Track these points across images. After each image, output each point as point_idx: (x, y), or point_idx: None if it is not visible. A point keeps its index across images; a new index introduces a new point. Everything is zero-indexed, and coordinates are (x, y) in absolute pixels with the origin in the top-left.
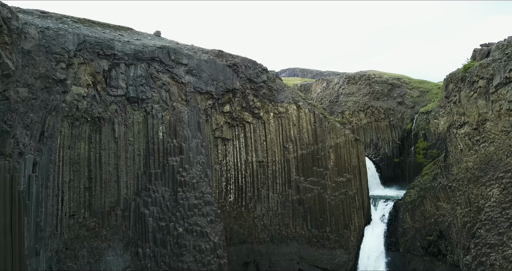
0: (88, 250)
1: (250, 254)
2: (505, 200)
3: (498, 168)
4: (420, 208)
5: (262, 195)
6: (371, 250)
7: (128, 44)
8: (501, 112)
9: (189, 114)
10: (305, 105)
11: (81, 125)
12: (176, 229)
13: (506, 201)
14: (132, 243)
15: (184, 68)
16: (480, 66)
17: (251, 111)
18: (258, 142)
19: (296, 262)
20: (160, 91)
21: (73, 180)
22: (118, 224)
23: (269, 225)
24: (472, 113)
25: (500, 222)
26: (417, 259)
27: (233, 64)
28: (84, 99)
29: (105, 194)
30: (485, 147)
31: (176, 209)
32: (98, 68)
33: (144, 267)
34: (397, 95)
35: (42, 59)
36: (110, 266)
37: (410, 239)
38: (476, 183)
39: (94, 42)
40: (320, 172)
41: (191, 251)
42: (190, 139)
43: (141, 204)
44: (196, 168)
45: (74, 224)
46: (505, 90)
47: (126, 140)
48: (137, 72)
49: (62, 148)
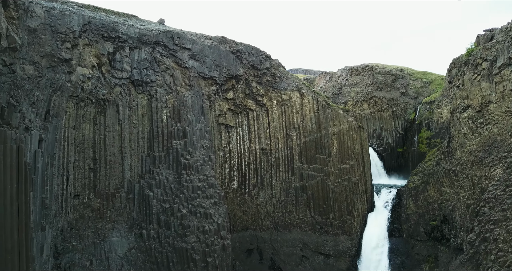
0: (92, 230)
1: (253, 241)
2: (508, 178)
3: (502, 148)
4: (424, 194)
5: (265, 182)
6: (375, 236)
7: (132, 28)
8: (505, 93)
9: (192, 99)
10: (308, 93)
11: (86, 106)
12: (180, 211)
13: (510, 178)
14: (136, 225)
15: (188, 53)
16: (484, 48)
17: (254, 98)
18: (262, 129)
19: (300, 248)
20: (164, 75)
21: (78, 160)
22: (123, 206)
23: (272, 212)
24: (475, 96)
25: (503, 199)
26: (420, 244)
27: (236, 51)
28: (89, 80)
29: (110, 176)
30: (489, 129)
31: (180, 191)
32: (102, 50)
33: (148, 248)
34: (400, 86)
35: (48, 38)
36: (114, 247)
37: (413, 224)
38: (479, 165)
39: (99, 24)
40: (323, 159)
41: (195, 232)
42: (194, 123)
43: (145, 186)
44: (200, 152)
45: (79, 204)
46: (509, 70)
47: (130, 123)
48: (141, 56)
49: (67, 127)
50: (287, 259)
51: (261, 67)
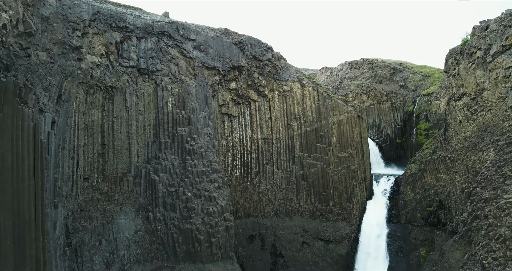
0: (101, 212)
1: (256, 228)
2: (500, 159)
3: (495, 133)
4: (421, 181)
5: (267, 171)
6: (373, 222)
7: (139, 18)
8: (498, 80)
9: (196, 88)
10: (309, 84)
11: (95, 93)
12: (185, 194)
13: (501, 160)
14: (143, 208)
15: (192, 44)
16: (478, 38)
17: (256, 89)
18: (263, 119)
19: (300, 235)
20: (169, 65)
21: (87, 144)
22: (130, 190)
23: (273, 200)
24: (470, 84)
25: (495, 179)
26: (417, 229)
27: (239, 42)
28: (98, 68)
29: (117, 160)
30: (483, 115)
31: (185, 176)
32: (111, 39)
33: (154, 229)
34: (399, 79)
35: (60, 26)
36: (122, 228)
37: (410, 210)
38: (473, 150)
39: (107, 14)
40: (323, 148)
41: (199, 214)
42: (198, 111)
43: (151, 171)
44: (204, 139)
45: (88, 187)
46: (502, 58)
47: (137, 110)
48: (147, 46)
49: (77, 113)
50: (288, 245)
51: (263, 58)
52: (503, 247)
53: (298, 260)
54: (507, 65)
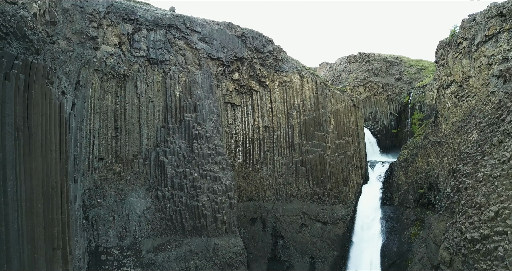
0: (115, 190)
1: (257, 211)
2: (481, 139)
3: (478, 116)
4: (413, 165)
5: (268, 157)
6: (368, 204)
7: (148, 12)
8: (482, 67)
9: (202, 77)
10: (307, 75)
11: (109, 80)
12: (192, 174)
13: (482, 139)
14: (153, 188)
15: (198, 36)
16: (464, 29)
17: (258, 80)
18: (264, 108)
19: (299, 217)
20: (176, 55)
21: (102, 127)
22: (140, 171)
23: (274, 184)
24: (457, 72)
25: (475, 156)
26: (409, 210)
27: (241, 35)
28: (111, 57)
29: (129, 143)
30: (468, 101)
31: (192, 158)
32: (123, 30)
33: (163, 207)
34: (395, 72)
35: (78, 18)
36: (133, 206)
37: (403, 193)
38: (459, 133)
39: (120, 7)
40: (321, 136)
41: (205, 192)
42: (203, 99)
43: (160, 154)
44: (209, 124)
45: (102, 167)
46: (485, 47)
47: (147, 97)
48: (156, 37)
49: (93, 98)
50: (288, 227)
51: (264, 50)
52: (478, 212)
53: (297, 241)
54: (489, 53)
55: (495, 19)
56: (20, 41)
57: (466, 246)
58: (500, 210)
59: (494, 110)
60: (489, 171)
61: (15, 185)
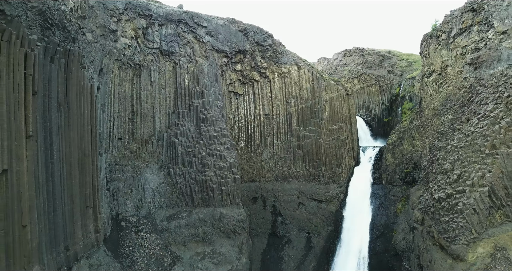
0: (132, 167)
1: (258, 190)
2: (453, 118)
3: (453, 100)
4: (399, 148)
5: (268, 142)
6: (359, 184)
7: (161, 8)
8: (457, 57)
9: (208, 67)
10: (304, 66)
11: (127, 69)
12: (200, 153)
13: (453, 119)
14: (165, 165)
15: (204, 30)
16: (443, 23)
17: (258, 71)
18: (265, 97)
19: (297, 196)
20: (185, 48)
21: (121, 111)
22: (154, 150)
23: (273, 167)
24: (437, 62)
25: (447, 133)
26: (396, 188)
27: (244, 30)
28: (129, 48)
29: (144, 126)
30: (447, 87)
31: (200, 139)
32: (138, 25)
33: (175, 182)
34: (387, 65)
35: (101, 13)
36: (148, 181)
37: (390, 173)
38: (438, 116)
39: (136, 4)
40: (316, 122)
41: (212, 168)
42: (210, 87)
43: (172, 135)
44: (214, 109)
45: (121, 146)
46: (460, 39)
47: (159, 84)
48: (167, 31)
49: (113, 84)
50: (286, 205)
51: (264, 44)
52: (445, 177)
53: (295, 218)
54: (463, 44)
55: (468, 14)
56: (61, 31)
57: (434, 205)
58: (462, 173)
59: (465, 94)
60: (456, 143)
61: (58, 149)
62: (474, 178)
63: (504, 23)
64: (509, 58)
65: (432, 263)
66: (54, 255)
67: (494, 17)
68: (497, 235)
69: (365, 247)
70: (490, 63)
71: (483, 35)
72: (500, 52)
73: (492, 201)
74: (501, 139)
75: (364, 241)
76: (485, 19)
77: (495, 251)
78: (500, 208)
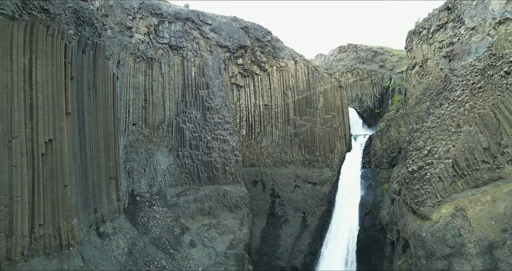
0: (145, 149)
1: (258, 175)
2: (430, 105)
3: (431, 89)
4: (387, 134)
5: (267, 131)
6: (350, 168)
7: (170, 7)
8: (435, 50)
9: (212, 61)
10: (300, 60)
11: (140, 62)
12: (205, 137)
13: (430, 105)
14: (174, 149)
15: (209, 27)
16: (424, 20)
17: (258, 65)
18: (264, 89)
19: (293, 180)
20: (192, 43)
21: (135, 99)
22: (164, 135)
23: (272, 153)
24: (419, 55)
25: (424, 117)
26: (383, 171)
27: (245, 27)
28: (142, 43)
29: (155, 113)
30: (427, 78)
31: (205, 125)
32: (151, 22)
33: (183, 163)
34: (379, 60)
35: (119, 12)
36: (159, 162)
37: (378, 157)
38: (419, 104)
39: (148, 4)
40: (312, 112)
41: (216, 151)
42: (214, 79)
43: (180, 122)
44: (218, 99)
45: (135, 131)
46: (437, 34)
47: (169, 76)
48: (176, 28)
49: (128, 75)
50: (283, 187)
51: (263, 40)
52: (418, 152)
53: (291, 199)
54: (440, 39)
55: (444, 12)
56: (90, 27)
57: (408, 177)
58: (431, 148)
59: (441, 83)
60: (429, 124)
61: (88, 126)
62: (441, 152)
63: (473, 20)
64: (477, 51)
65: (406, 226)
66: (86, 214)
67: (465, 15)
68: (458, 199)
69: (355, 223)
70: (461, 56)
71: (457, 31)
72: (470, 46)
73: (455, 170)
74: (465, 119)
75: (354, 218)
76: (458, 17)
77: (456, 211)
78: (462, 176)
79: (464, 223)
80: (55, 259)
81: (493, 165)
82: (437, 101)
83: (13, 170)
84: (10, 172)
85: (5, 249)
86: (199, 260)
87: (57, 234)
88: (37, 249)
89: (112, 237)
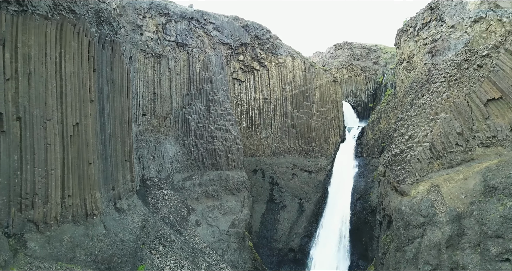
0: (153, 138)
1: (258, 164)
2: (414, 97)
3: (416, 82)
4: (378, 125)
5: (266, 123)
6: (344, 157)
7: (176, 7)
8: (420, 47)
9: (215, 57)
10: (297, 57)
11: (149, 58)
12: (209, 127)
13: (414, 97)
14: (180, 138)
15: (212, 26)
16: (411, 19)
17: (258, 61)
18: (264, 84)
19: (291, 168)
20: (196, 40)
21: (145, 92)
22: (171, 125)
23: (271, 144)
24: (406, 52)
25: (408, 107)
26: (374, 159)
27: (245, 25)
28: (151, 40)
29: (163, 105)
30: (413, 73)
31: (209, 116)
32: (159, 21)
33: (189, 151)
34: (373, 57)
35: (131, 12)
36: (167, 150)
37: (370, 147)
38: (406, 96)
39: (157, 4)
40: (308, 105)
41: (219, 139)
42: (217, 74)
43: (186, 113)
44: (221, 92)
45: (145, 121)
46: (422, 32)
47: (175, 71)
48: (182, 27)
49: (139, 70)
50: (282, 176)
51: (263, 37)
52: (401, 138)
53: (289, 187)
54: (424, 36)
55: (428, 12)
56: (108, 26)
57: (391, 159)
58: (412, 134)
59: (424, 77)
60: (411, 113)
61: (107, 113)
62: (420, 137)
63: (452, 19)
64: (456, 47)
65: (389, 203)
66: (106, 190)
67: (446, 14)
68: (434, 178)
69: (347, 208)
70: (443, 51)
71: (439, 29)
72: (450, 43)
73: (432, 153)
74: (442, 107)
75: (346, 203)
76: (440, 16)
77: (431, 187)
78: (438, 158)
79: (437, 197)
80: (82, 226)
81: (466, 148)
82: (420, 92)
83: (48, 147)
84: (46, 149)
85: (42, 213)
86: (204, 237)
87: (83, 204)
88: (67, 216)
89: (128, 212)
